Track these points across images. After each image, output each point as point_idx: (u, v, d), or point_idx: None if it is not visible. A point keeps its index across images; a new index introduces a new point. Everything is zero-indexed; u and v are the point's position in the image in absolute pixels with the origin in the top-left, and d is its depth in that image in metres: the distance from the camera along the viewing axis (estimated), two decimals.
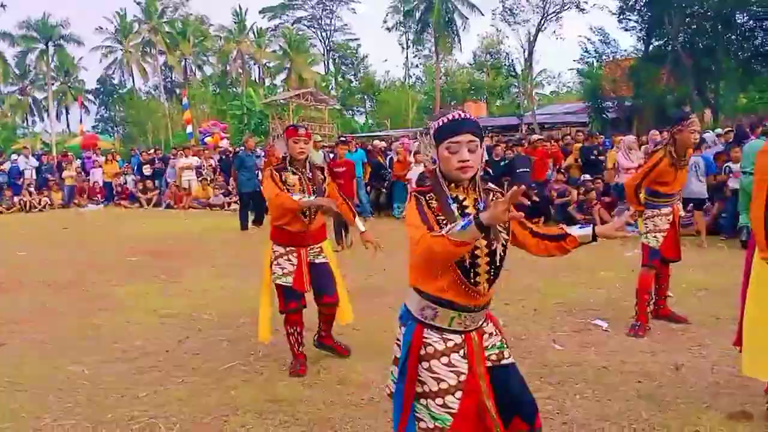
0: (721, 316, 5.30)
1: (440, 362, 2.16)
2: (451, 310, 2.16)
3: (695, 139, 5.06)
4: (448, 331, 2.18)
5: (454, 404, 2.13)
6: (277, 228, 4.24)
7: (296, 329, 4.22)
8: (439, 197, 2.15)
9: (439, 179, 2.18)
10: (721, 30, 23.41)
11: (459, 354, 2.18)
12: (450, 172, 2.14)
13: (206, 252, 9.51)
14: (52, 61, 50.97)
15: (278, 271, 4.19)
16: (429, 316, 2.18)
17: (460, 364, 2.17)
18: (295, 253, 4.21)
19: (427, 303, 2.18)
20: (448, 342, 2.17)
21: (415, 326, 2.20)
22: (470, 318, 2.20)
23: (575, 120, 29.98)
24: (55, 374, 4.35)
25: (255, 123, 37.93)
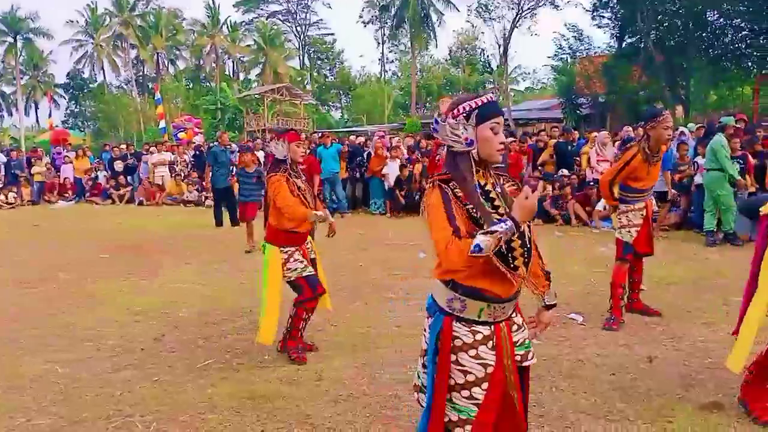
0: (692, 308, 5.42)
1: (468, 355, 2.12)
2: (480, 301, 2.11)
3: (668, 136, 5.15)
4: (477, 323, 2.14)
5: (480, 395, 2.11)
6: (286, 231, 4.30)
7: (309, 316, 4.39)
8: (464, 185, 2.08)
9: (471, 163, 2.12)
10: (693, 28, 23.77)
11: (487, 346, 2.14)
12: (490, 153, 2.11)
13: (180, 249, 9.41)
14: (20, 55, 49.96)
15: (298, 266, 4.31)
16: (457, 309, 2.13)
17: (488, 356, 2.13)
18: (300, 250, 4.36)
19: (455, 295, 2.12)
20: (476, 335, 2.13)
21: (443, 318, 2.15)
22: (500, 309, 2.15)
23: (550, 116, 30.22)
24: (28, 373, 4.28)
25: (229, 118, 37.70)
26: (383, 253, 8.55)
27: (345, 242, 9.10)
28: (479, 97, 2.15)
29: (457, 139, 2.12)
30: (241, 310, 5.74)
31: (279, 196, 4.19)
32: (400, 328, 5.09)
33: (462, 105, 2.14)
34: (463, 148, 2.12)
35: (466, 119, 2.11)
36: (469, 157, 2.12)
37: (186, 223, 12.76)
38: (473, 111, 2.11)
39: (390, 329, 5.10)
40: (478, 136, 2.10)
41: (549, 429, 3.29)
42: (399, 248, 8.88)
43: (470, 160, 2.12)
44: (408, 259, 7.91)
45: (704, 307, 5.48)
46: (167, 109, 32.30)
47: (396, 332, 5.02)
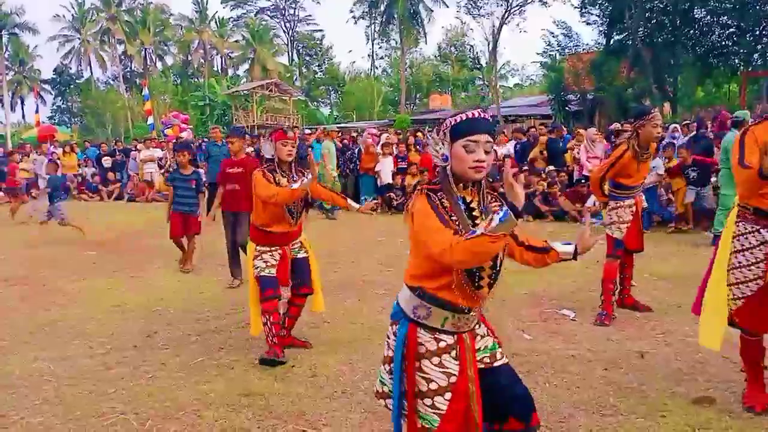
0: (683, 304, 5.44)
1: (431, 363, 2.13)
2: (445, 310, 2.13)
3: (658, 133, 5.19)
4: (441, 331, 2.15)
5: (443, 405, 2.10)
6: (260, 230, 4.30)
7: (269, 318, 4.22)
8: (449, 196, 2.10)
9: (449, 178, 2.11)
10: (680, 25, 23.91)
11: (451, 355, 2.14)
12: (463, 171, 2.08)
13: (169, 245, 9.34)
14: (5, 50, 49.45)
15: (261, 264, 4.26)
16: (422, 316, 2.15)
17: (451, 365, 2.14)
18: (279, 250, 4.32)
19: (420, 302, 2.14)
20: (440, 342, 2.15)
21: (408, 325, 2.17)
22: (463, 320, 2.17)
23: (539, 112, 30.34)
24: (18, 371, 4.25)
25: (218, 114, 37.47)
26: (375, 250, 8.56)
27: (337, 238, 9.11)
28: (464, 112, 2.12)
29: (436, 154, 2.15)
30: (231, 307, 5.73)
31: (260, 190, 4.17)
32: None
33: (448, 119, 2.15)
34: (440, 163, 2.14)
35: (444, 135, 2.12)
36: (446, 172, 2.13)
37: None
38: (449, 128, 2.11)
39: (383, 325, 5.08)
40: (452, 153, 2.09)
41: (543, 424, 3.30)
42: (391, 244, 8.89)
43: (447, 174, 2.12)
44: (400, 255, 7.92)
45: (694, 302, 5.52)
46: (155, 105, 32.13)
47: (388, 328, 5.02)
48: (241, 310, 5.56)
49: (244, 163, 6.66)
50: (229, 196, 6.66)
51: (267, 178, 4.21)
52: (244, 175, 6.37)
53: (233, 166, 6.68)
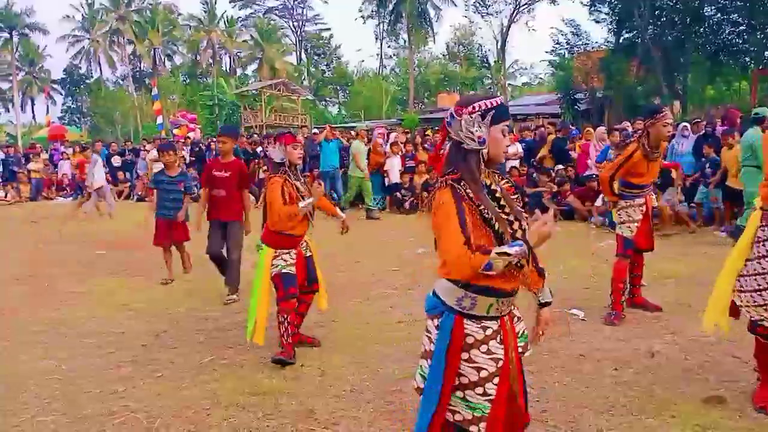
0: (693, 303, 5.41)
1: (480, 351, 2.12)
2: (490, 297, 2.12)
3: (668, 132, 5.17)
4: (486, 318, 2.14)
5: (493, 390, 2.11)
6: (279, 234, 4.29)
7: (287, 318, 4.22)
8: (473, 184, 2.09)
9: (480, 161, 2.14)
10: (690, 23, 23.76)
11: (496, 340, 2.15)
12: (497, 153, 2.16)
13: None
14: (16, 51, 49.79)
15: (281, 263, 4.26)
16: (467, 306, 2.12)
17: (498, 350, 2.14)
18: (294, 250, 4.35)
19: (465, 293, 2.11)
20: (486, 330, 2.14)
21: (453, 317, 2.13)
22: (506, 303, 2.17)
23: (548, 111, 30.22)
24: (28, 370, 4.28)
25: (226, 114, 37.52)
26: (382, 249, 8.56)
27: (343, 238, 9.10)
28: (493, 98, 2.16)
29: (471, 136, 2.13)
30: (240, 306, 5.74)
31: (271, 197, 4.21)
32: (401, 323, 5.10)
33: (478, 103, 2.15)
34: (475, 146, 2.13)
35: (481, 117, 2.12)
36: (478, 155, 2.14)
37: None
38: (489, 111, 2.12)
39: (390, 324, 5.12)
40: (491, 136, 2.13)
41: (553, 423, 3.30)
42: (398, 243, 8.88)
43: (479, 158, 2.14)
44: (407, 254, 7.92)
45: (704, 301, 5.41)
46: (164, 105, 32.25)
47: (396, 327, 5.03)
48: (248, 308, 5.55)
49: (232, 167, 6.03)
50: (216, 203, 6.04)
51: (283, 191, 4.20)
52: (231, 181, 5.94)
53: (221, 169, 6.01)
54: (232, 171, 5.99)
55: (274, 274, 4.26)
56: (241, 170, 6.07)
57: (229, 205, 5.97)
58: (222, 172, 6.00)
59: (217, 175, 6.00)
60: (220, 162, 6.12)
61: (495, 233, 2.09)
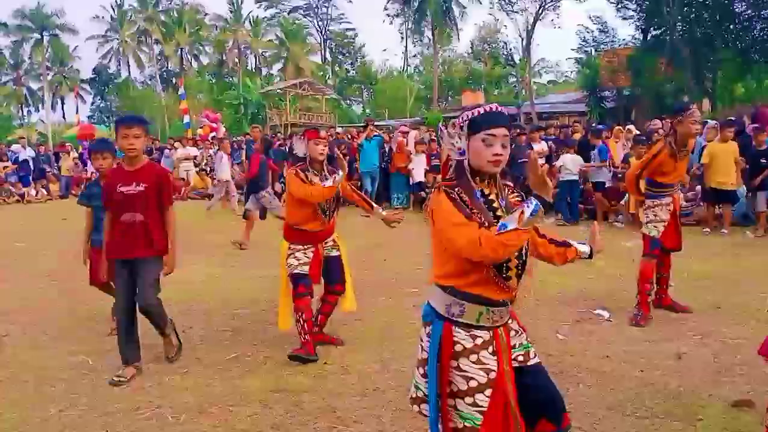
0: (722, 305, 5.34)
1: (469, 360, 2.10)
2: (479, 305, 2.10)
3: (696, 130, 5.09)
4: (476, 327, 2.12)
5: (484, 402, 2.08)
6: (295, 229, 4.33)
7: (302, 315, 4.23)
8: (467, 191, 2.09)
9: (466, 172, 2.12)
10: (720, 19, 23.39)
11: (488, 351, 2.12)
12: (481, 165, 2.09)
13: (205, 242, 9.50)
14: (46, 51, 50.71)
15: (294, 262, 4.29)
16: (456, 313, 2.12)
17: (490, 361, 2.11)
18: (312, 248, 4.35)
19: (453, 299, 2.11)
20: (476, 339, 2.12)
21: (443, 324, 2.13)
22: (498, 313, 2.15)
23: (574, 109, 29.96)
24: (57, 364, 4.36)
25: (252, 113, 37.80)
26: (407, 247, 8.55)
27: (369, 236, 9.12)
28: (477, 107, 2.13)
29: (452, 147, 2.15)
30: (265, 302, 5.78)
31: (296, 191, 4.23)
32: None
33: (464, 113, 2.15)
34: (456, 156, 2.15)
35: (461, 129, 2.12)
36: (464, 165, 2.13)
37: (210, 216, 12.88)
38: (466, 121, 2.11)
39: (414, 323, 5.07)
40: (470, 146, 2.10)
41: (577, 425, 3.25)
42: (422, 242, 8.84)
43: (465, 168, 2.13)
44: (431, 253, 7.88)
45: (734, 303, 5.40)
46: (191, 104, 32.60)
47: (419, 326, 4.99)
48: (273, 305, 5.59)
49: (146, 176, 4.04)
50: (122, 233, 4.02)
51: (300, 178, 4.24)
52: (150, 195, 4.03)
53: (128, 181, 4.00)
54: (148, 182, 4.03)
55: (288, 274, 4.31)
56: (160, 180, 4.12)
57: (144, 234, 4.02)
58: (132, 186, 3.99)
59: (124, 192, 3.99)
60: (122, 170, 4.07)
61: None
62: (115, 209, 4.04)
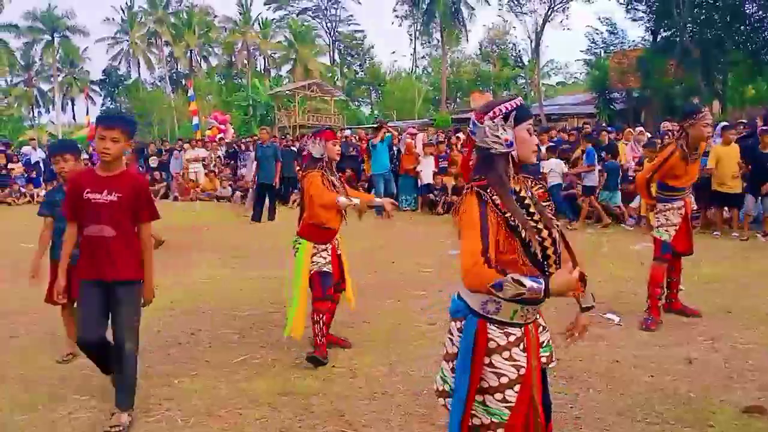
0: (733, 309, 5.30)
1: (502, 357, 2.11)
2: (515, 302, 2.08)
3: (708, 133, 5.06)
4: (510, 324, 2.12)
5: (513, 398, 2.10)
6: (318, 227, 4.34)
7: (322, 318, 4.27)
8: (501, 190, 2.08)
9: (510, 165, 2.14)
10: (730, 20, 23.24)
11: (519, 347, 2.13)
12: (527, 154, 2.15)
13: (214, 244, 9.53)
14: (57, 53, 51.03)
15: (321, 260, 4.32)
16: (491, 311, 2.11)
17: (520, 357, 2.12)
18: (330, 247, 4.39)
19: (490, 297, 2.08)
20: (509, 336, 2.12)
21: (477, 321, 2.13)
22: (531, 311, 2.15)
23: (583, 111, 29.86)
24: (67, 366, 4.37)
25: (260, 114, 37.92)
26: (414, 249, 8.55)
27: (376, 238, 9.11)
28: (512, 99, 2.17)
29: (498, 140, 2.13)
30: (273, 305, 5.79)
31: (311, 187, 4.26)
32: (432, 325, 5.08)
33: (498, 107, 2.15)
34: (503, 149, 2.13)
35: (504, 120, 2.12)
36: (507, 159, 2.14)
37: (219, 217, 12.94)
38: (511, 112, 2.13)
39: (422, 326, 5.10)
40: (517, 137, 2.13)
41: (586, 431, 3.25)
42: (430, 244, 8.85)
43: (508, 162, 2.14)
44: (439, 256, 7.88)
45: (745, 307, 5.36)
46: (200, 106, 32.72)
47: (428, 329, 5.01)
48: (281, 307, 5.61)
49: (122, 183, 3.39)
50: (90, 250, 3.37)
51: (326, 184, 4.27)
52: (124, 207, 3.37)
53: (98, 188, 3.36)
54: (122, 192, 3.38)
55: (314, 272, 4.29)
56: (138, 191, 3.46)
57: (117, 252, 3.35)
58: (104, 194, 3.35)
59: (92, 200, 3.35)
60: (96, 175, 3.44)
61: (522, 241, 2.07)
62: (80, 219, 3.39)
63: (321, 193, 4.22)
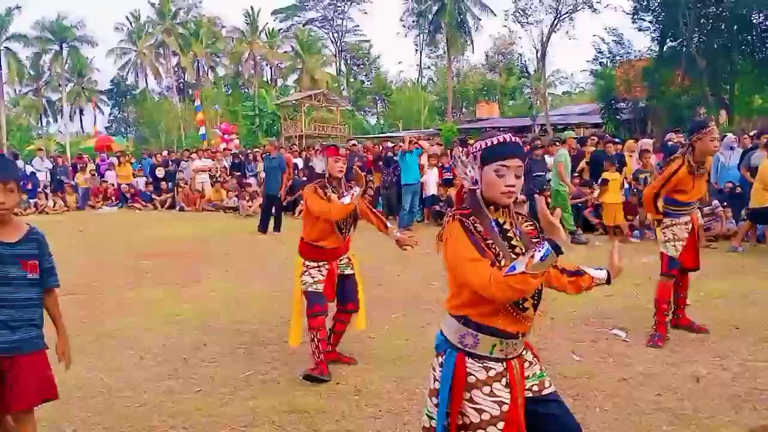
0: (741, 325, 5.25)
1: (482, 392, 2.07)
2: (493, 337, 2.08)
3: (715, 147, 5.03)
4: (489, 359, 2.10)
5: None
6: (310, 245, 4.35)
7: (317, 335, 4.24)
8: (482, 220, 2.08)
9: (480, 202, 2.11)
10: (737, 30, 23.19)
11: (501, 383, 2.09)
12: (493, 196, 2.08)
13: (220, 256, 9.54)
14: (66, 63, 51.38)
15: (309, 279, 4.31)
16: (470, 344, 2.10)
17: (502, 393, 2.08)
18: (327, 266, 4.36)
19: (467, 330, 2.09)
20: (489, 371, 2.09)
21: (456, 355, 2.11)
22: (512, 345, 2.12)
23: (589, 121, 29.84)
24: (71, 381, 4.34)
25: (267, 124, 38.04)
26: (420, 263, 8.51)
27: (382, 252, 9.09)
28: (493, 137, 2.11)
29: (465, 176, 2.14)
30: (279, 319, 5.77)
31: (314, 207, 4.24)
32: None
33: (478, 142, 2.14)
34: (469, 186, 2.14)
35: (474, 158, 2.11)
36: (476, 195, 2.12)
37: (225, 229, 12.97)
38: (479, 151, 2.10)
39: (428, 342, 5.04)
40: (483, 177, 2.09)
41: None
42: (436, 258, 8.79)
43: (478, 198, 2.12)
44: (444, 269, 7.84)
45: (753, 323, 5.31)
46: (207, 116, 32.84)
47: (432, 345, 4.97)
48: (287, 322, 5.59)
49: None
50: None
51: (319, 194, 4.25)
52: None
53: None
54: None
55: (303, 291, 4.31)
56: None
57: None
58: None
59: None
60: None
61: None
62: None
63: (320, 208, 4.19)
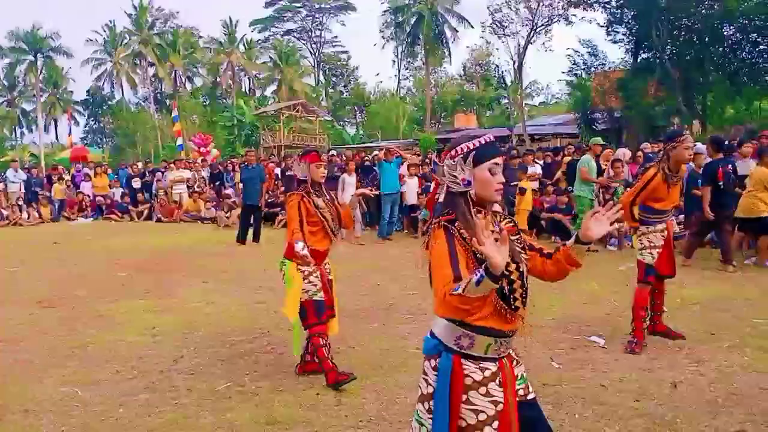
0: (717, 331, 5.32)
1: (478, 393, 2.08)
2: (488, 336, 2.09)
3: (689, 156, 5.12)
4: (484, 359, 2.11)
5: None
6: None
7: (326, 341, 4.29)
8: (467, 225, 2.09)
9: (469, 204, 2.14)
10: (709, 42, 23.62)
11: (495, 382, 2.11)
12: (488, 194, 2.15)
13: (198, 267, 9.44)
14: (40, 73, 50.75)
15: (312, 288, 4.32)
16: (465, 345, 2.09)
17: (497, 393, 2.10)
18: (318, 271, 4.37)
19: (463, 331, 2.08)
20: (485, 371, 2.10)
21: (452, 357, 2.10)
22: (505, 344, 2.14)
23: (565, 131, 30.14)
24: (46, 396, 4.28)
25: (245, 134, 37.90)
26: (400, 272, 8.52)
27: (361, 261, 9.09)
28: (478, 138, 2.18)
29: (455, 179, 2.16)
30: (258, 330, 5.73)
31: (287, 214, 4.34)
32: (417, 350, 5.04)
33: (460, 146, 2.18)
34: (460, 188, 2.15)
35: (463, 160, 2.15)
36: (466, 197, 2.15)
37: (203, 240, 12.84)
38: (470, 152, 2.15)
39: (408, 351, 5.06)
40: (476, 177, 2.14)
41: None
42: (415, 267, 8.82)
43: (467, 200, 2.14)
44: (425, 279, 7.85)
45: (728, 328, 5.39)
46: (184, 126, 32.62)
47: (413, 354, 4.96)
48: (266, 333, 5.57)
49: None
50: None
51: (306, 206, 4.29)
52: None
53: None
54: None
55: (304, 300, 4.28)
56: None
57: None
58: None
59: None
60: None
61: None
62: None
63: (290, 222, 4.28)
